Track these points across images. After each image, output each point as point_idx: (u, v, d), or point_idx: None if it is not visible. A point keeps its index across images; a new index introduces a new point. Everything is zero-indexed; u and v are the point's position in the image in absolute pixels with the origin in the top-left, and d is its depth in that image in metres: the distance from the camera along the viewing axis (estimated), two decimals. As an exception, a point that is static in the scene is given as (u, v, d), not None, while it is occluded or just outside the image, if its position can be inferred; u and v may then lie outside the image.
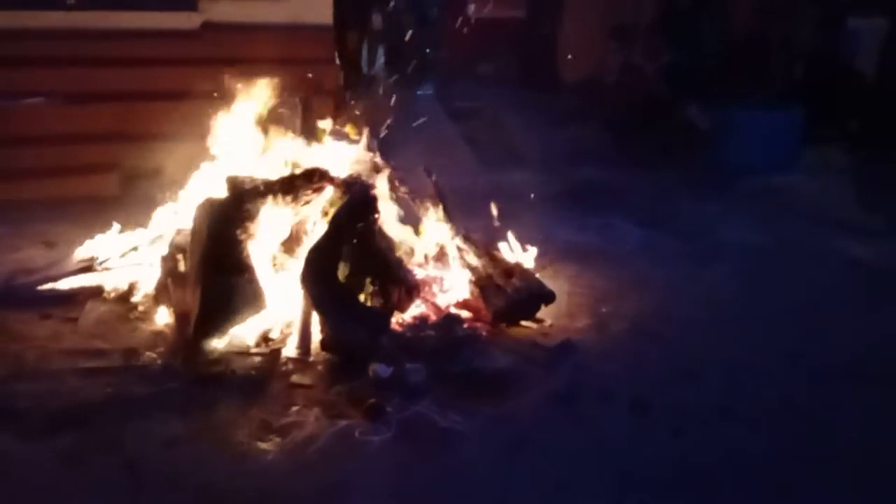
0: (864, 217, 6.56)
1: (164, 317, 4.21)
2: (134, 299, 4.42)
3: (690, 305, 4.76)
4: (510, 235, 4.89)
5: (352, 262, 4.09)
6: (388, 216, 4.55)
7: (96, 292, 4.48)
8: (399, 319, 4.20)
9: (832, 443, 3.42)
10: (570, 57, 10.53)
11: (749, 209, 6.74)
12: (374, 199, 4.26)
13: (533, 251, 4.87)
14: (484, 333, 4.22)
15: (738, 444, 3.38)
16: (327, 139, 4.86)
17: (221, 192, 4.19)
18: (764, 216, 6.58)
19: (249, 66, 6.73)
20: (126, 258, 4.65)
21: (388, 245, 4.37)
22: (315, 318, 3.96)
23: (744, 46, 9.15)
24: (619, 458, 3.25)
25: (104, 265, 4.60)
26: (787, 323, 4.56)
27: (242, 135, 4.73)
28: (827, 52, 9.32)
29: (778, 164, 7.79)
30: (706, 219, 6.44)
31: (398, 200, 4.68)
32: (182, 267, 4.26)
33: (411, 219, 4.74)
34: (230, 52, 7.02)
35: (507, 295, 4.31)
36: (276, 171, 4.52)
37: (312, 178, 4.28)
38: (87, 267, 4.60)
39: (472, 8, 12.41)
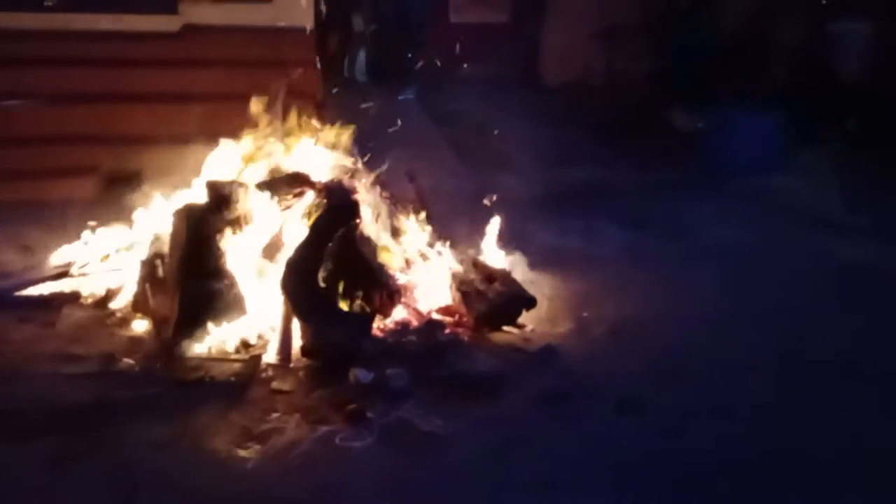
0: (857, 217, 6.57)
1: (142, 323, 4.18)
2: (112, 305, 4.38)
3: (676, 306, 4.76)
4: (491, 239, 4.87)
5: (333, 268, 4.07)
6: (369, 221, 4.53)
7: (73, 298, 4.43)
8: (381, 325, 4.18)
9: (827, 442, 3.40)
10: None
11: (738, 210, 6.77)
12: (355, 205, 4.24)
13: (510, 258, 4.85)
14: (466, 338, 4.20)
15: (730, 443, 3.37)
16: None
17: (201, 197, 4.17)
18: (756, 217, 6.60)
19: (230, 69, 6.78)
20: (104, 263, 4.61)
21: (369, 250, 4.35)
22: (295, 324, 3.93)
23: (736, 48, 9.21)
24: (605, 460, 3.23)
25: (81, 270, 4.55)
26: (779, 323, 4.56)
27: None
28: (821, 54, 9.39)
29: (769, 165, 7.82)
30: (694, 220, 6.45)
31: (379, 205, 4.65)
32: (161, 272, 4.23)
33: (393, 224, 4.72)
34: (211, 55, 7.00)
35: (488, 300, 4.30)
36: (257, 176, 4.50)
37: (293, 183, 4.26)
38: (64, 272, 4.56)
39: (455, 13, 12.44)
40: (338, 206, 4.17)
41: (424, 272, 4.59)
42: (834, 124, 8.79)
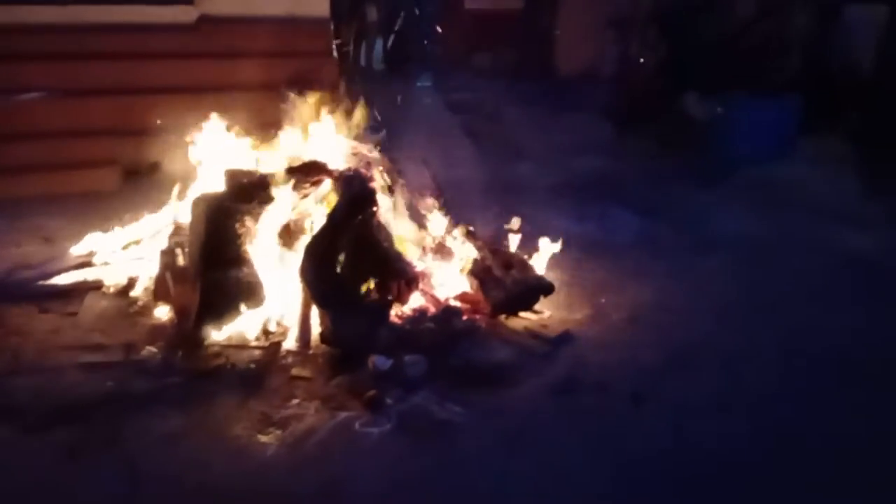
0: (861, 208, 6.53)
1: (163, 311, 4.21)
2: (133, 294, 4.42)
3: (689, 296, 4.76)
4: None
5: (351, 255, 4.09)
6: (386, 208, 4.54)
7: (95, 287, 4.48)
8: (398, 312, 4.20)
9: (832, 436, 3.40)
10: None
11: (747, 200, 6.72)
12: (372, 192, 4.25)
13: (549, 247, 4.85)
14: (483, 325, 4.22)
15: (736, 437, 3.37)
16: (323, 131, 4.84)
17: (220, 186, 4.19)
18: (762, 207, 6.56)
19: (246, 60, 6.80)
20: (125, 253, 4.65)
21: (386, 237, 4.37)
22: (314, 311, 3.96)
23: (743, 37, 9.11)
24: (616, 450, 3.25)
25: (104, 260, 4.60)
26: (786, 314, 4.55)
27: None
28: (826, 42, 9.27)
29: (776, 155, 7.76)
30: (705, 209, 6.43)
31: (397, 193, 4.66)
32: (181, 261, 4.27)
33: (411, 211, 4.72)
34: (227, 46, 7.02)
35: (505, 287, 4.31)
36: (274, 164, 4.52)
37: (311, 172, 4.28)
38: (86, 262, 4.61)
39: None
40: (355, 195, 4.18)
41: (442, 259, 4.60)
42: (847, 113, 8.67)
